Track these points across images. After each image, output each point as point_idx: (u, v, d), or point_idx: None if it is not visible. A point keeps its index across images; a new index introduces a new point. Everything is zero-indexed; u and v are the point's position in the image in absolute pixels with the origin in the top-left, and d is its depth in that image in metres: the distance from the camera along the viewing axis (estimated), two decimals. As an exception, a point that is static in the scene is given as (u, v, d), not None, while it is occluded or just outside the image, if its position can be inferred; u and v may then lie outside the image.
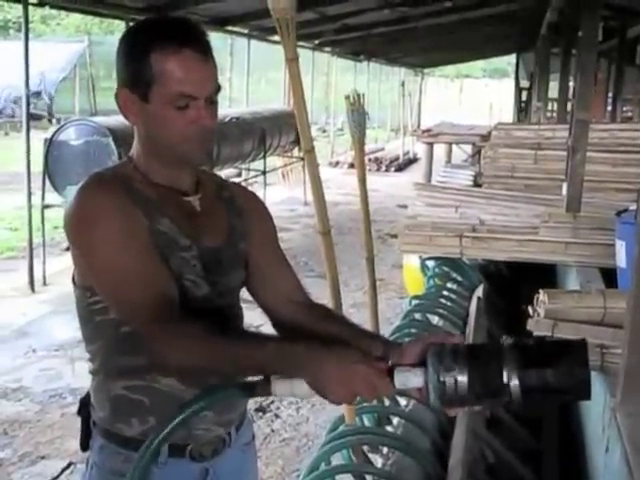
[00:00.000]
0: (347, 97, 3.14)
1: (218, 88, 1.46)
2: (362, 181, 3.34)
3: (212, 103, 1.45)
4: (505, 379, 1.17)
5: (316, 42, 13.00)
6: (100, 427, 1.53)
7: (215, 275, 1.51)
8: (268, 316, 1.62)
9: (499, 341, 1.22)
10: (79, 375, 4.75)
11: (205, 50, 1.43)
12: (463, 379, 1.19)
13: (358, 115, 3.17)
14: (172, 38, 1.40)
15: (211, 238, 1.52)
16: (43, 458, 3.82)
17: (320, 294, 2.86)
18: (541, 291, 3.10)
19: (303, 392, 1.27)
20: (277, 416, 4.34)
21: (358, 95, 3.16)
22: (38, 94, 18.58)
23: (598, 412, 2.54)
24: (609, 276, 3.82)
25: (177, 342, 1.34)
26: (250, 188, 1.91)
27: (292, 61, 2.29)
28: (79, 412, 1.58)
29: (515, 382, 1.17)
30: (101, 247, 1.39)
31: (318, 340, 1.32)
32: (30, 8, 6.47)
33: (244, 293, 1.64)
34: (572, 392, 1.20)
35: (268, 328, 1.65)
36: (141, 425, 1.49)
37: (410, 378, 1.25)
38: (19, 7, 6.57)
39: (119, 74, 1.46)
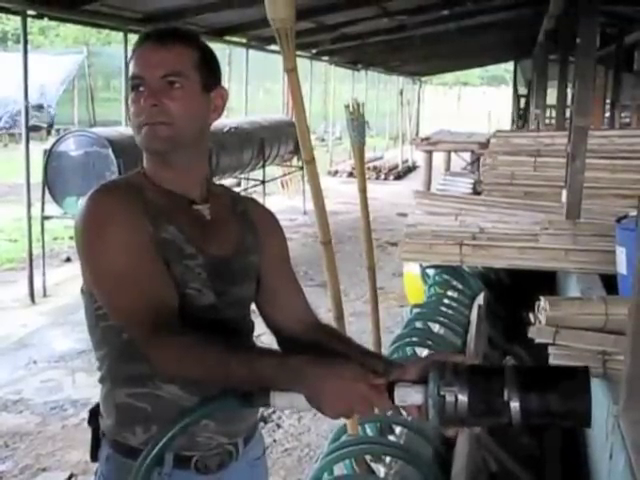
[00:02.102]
0: (347, 106, 3.14)
1: (179, 73, 1.43)
2: (363, 191, 3.33)
3: (173, 86, 1.43)
4: (505, 399, 1.18)
5: (314, 51, 13.00)
6: (108, 437, 1.53)
7: (222, 285, 1.51)
8: (274, 334, 1.61)
9: (501, 362, 1.23)
10: (79, 386, 4.74)
11: (165, 39, 1.45)
12: (463, 397, 1.19)
13: (358, 124, 3.16)
14: (146, 37, 1.47)
15: (219, 247, 1.52)
16: (44, 470, 3.81)
17: (320, 303, 2.87)
18: (542, 298, 3.09)
19: (302, 405, 1.27)
20: (279, 426, 4.32)
21: (358, 104, 3.15)
22: (40, 107, 18.57)
23: (601, 419, 2.52)
24: (609, 283, 3.82)
25: (170, 351, 1.35)
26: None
27: (292, 71, 2.29)
28: (89, 422, 1.58)
29: (515, 404, 1.17)
30: (102, 253, 1.41)
31: (316, 355, 1.31)
32: (28, 20, 6.47)
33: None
34: (572, 418, 1.20)
35: (268, 337, 1.64)
36: (145, 434, 1.48)
37: (410, 394, 1.25)
38: (17, 19, 6.58)
39: None
